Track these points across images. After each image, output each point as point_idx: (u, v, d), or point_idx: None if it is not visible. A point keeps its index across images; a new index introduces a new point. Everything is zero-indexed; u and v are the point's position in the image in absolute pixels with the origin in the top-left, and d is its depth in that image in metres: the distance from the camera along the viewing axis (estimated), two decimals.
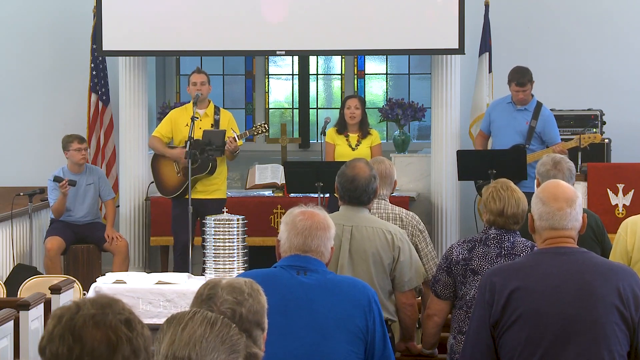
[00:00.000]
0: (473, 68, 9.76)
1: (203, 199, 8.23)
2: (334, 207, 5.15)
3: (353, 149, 8.81)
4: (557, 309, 3.42)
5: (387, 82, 11.02)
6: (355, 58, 10.87)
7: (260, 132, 8.54)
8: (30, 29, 10.40)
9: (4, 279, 8.20)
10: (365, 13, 9.08)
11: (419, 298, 5.31)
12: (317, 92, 11.10)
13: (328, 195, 8.09)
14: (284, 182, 8.86)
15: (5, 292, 7.01)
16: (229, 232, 6.65)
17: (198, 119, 8.18)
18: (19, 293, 6.92)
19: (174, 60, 10.98)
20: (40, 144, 10.31)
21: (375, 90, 11.18)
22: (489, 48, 9.73)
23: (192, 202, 7.93)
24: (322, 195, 7.98)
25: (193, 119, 8.02)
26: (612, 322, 3.40)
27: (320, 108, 11.09)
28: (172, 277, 6.94)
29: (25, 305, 5.44)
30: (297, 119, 11.01)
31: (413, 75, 10.90)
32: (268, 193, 9.47)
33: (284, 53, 9.59)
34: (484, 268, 4.63)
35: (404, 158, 9.87)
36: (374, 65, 11.07)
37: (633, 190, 8.18)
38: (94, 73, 9.91)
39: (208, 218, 6.69)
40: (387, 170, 5.49)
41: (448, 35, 9.00)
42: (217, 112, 8.41)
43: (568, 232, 3.55)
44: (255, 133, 8.57)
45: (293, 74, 11.06)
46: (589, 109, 9.52)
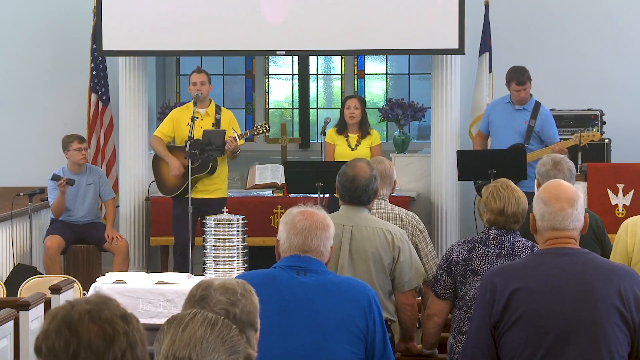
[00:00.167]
0: (473, 68, 9.76)
1: (204, 198, 8.24)
2: (334, 207, 5.15)
3: (353, 149, 8.80)
4: (557, 310, 3.42)
5: (387, 82, 11.02)
6: (355, 58, 10.86)
7: (262, 131, 8.53)
8: (30, 29, 10.39)
9: (4, 279, 8.20)
10: (365, 13, 9.07)
11: (419, 298, 5.31)
12: (317, 92, 11.10)
13: (328, 195, 8.09)
14: (284, 182, 8.86)
15: (5, 292, 7.01)
16: (229, 232, 6.64)
17: (198, 119, 8.18)
18: (19, 293, 6.91)
19: (174, 60, 10.98)
20: (40, 144, 10.30)
21: (375, 90, 11.17)
22: (489, 48, 9.73)
23: (193, 201, 7.94)
24: (322, 196, 7.98)
25: (193, 119, 8.02)
26: (612, 323, 3.40)
27: (320, 108, 11.09)
28: (172, 277, 6.93)
29: (25, 305, 5.43)
30: (297, 119, 11.00)
31: (413, 75, 10.89)
32: (268, 193, 9.47)
33: (284, 53, 9.58)
34: (484, 268, 4.63)
35: (404, 158, 9.87)
36: (374, 65, 11.06)
37: (633, 190, 8.17)
38: (94, 73, 9.91)
39: (208, 218, 6.69)
40: (387, 170, 5.49)
41: (448, 35, 9.00)
42: (218, 111, 8.41)
43: (569, 232, 3.55)
44: (257, 133, 8.57)
45: (293, 74, 11.06)
46: (589, 109, 9.52)
